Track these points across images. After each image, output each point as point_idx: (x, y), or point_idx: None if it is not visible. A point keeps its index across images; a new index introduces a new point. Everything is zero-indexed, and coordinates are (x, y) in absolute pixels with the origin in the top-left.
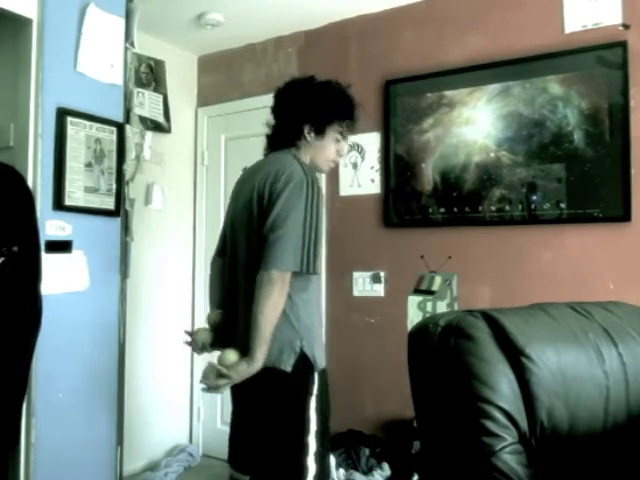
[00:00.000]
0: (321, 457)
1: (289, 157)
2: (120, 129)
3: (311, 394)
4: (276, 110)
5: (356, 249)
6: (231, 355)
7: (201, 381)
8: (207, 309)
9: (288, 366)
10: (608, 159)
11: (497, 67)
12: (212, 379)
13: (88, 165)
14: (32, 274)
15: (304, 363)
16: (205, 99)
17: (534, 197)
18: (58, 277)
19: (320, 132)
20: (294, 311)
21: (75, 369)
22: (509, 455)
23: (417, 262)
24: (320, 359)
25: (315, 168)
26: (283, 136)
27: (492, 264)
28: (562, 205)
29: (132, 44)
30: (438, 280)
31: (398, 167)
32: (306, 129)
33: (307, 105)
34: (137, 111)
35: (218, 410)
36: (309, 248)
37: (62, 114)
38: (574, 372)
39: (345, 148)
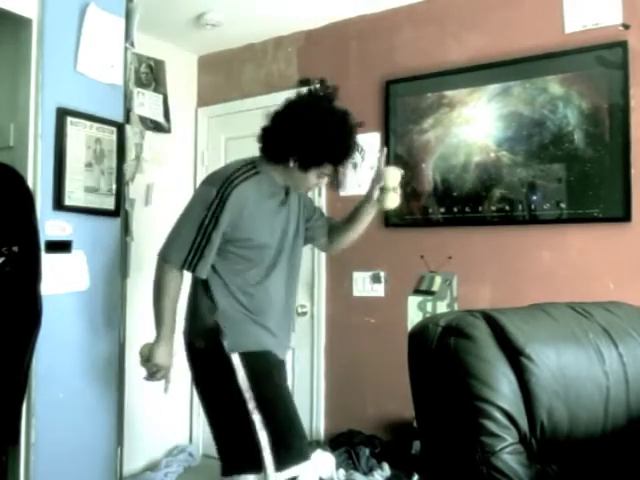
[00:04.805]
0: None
1: (240, 162)
2: (120, 129)
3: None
4: (275, 124)
5: (356, 249)
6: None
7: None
8: None
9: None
10: (608, 159)
11: (497, 67)
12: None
13: (88, 165)
14: (32, 274)
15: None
16: (205, 99)
17: (534, 197)
18: (58, 277)
19: (304, 168)
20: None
21: (75, 369)
22: (509, 455)
23: (417, 262)
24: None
25: (287, 187)
26: (267, 150)
27: (492, 264)
28: (562, 205)
29: (132, 44)
30: (438, 280)
31: (398, 167)
32: (291, 160)
33: (300, 142)
34: (137, 111)
35: None
36: (197, 250)
37: (62, 114)
38: (574, 372)
39: (324, 182)
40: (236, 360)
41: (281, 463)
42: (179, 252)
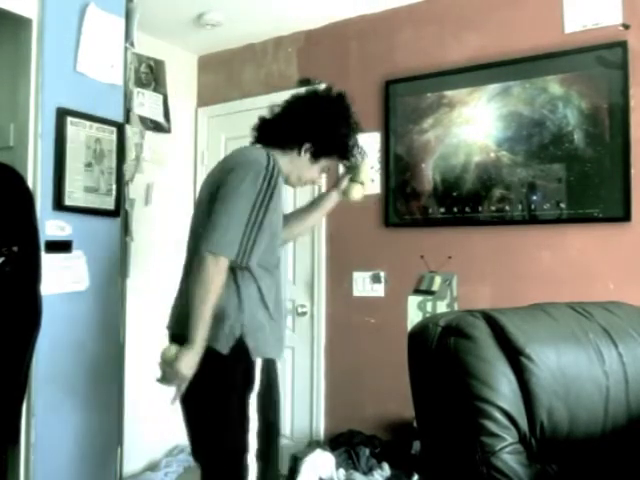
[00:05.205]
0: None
1: (261, 151)
2: (120, 129)
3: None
4: (292, 110)
5: (356, 249)
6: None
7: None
8: None
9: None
10: (608, 159)
11: (497, 67)
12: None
13: (88, 165)
14: (32, 274)
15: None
16: (205, 99)
17: (534, 197)
18: (58, 277)
19: (315, 157)
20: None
21: (75, 369)
22: (509, 455)
23: (417, 262)
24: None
25: (286, 178)
26: (279, 135)
27: (492, 264)
28: (562, 205)
29: (132, 44)
30: (438, 280)
31: (398, 167)
32: (305, 146)
33: (326, 129)
34: (137, 111)
35: None
36: (248, 240)
37: (62, 114)
38: (574, 372)
39: (321, 181)
40: (259, 366)
41: None
42: (232, 243)
